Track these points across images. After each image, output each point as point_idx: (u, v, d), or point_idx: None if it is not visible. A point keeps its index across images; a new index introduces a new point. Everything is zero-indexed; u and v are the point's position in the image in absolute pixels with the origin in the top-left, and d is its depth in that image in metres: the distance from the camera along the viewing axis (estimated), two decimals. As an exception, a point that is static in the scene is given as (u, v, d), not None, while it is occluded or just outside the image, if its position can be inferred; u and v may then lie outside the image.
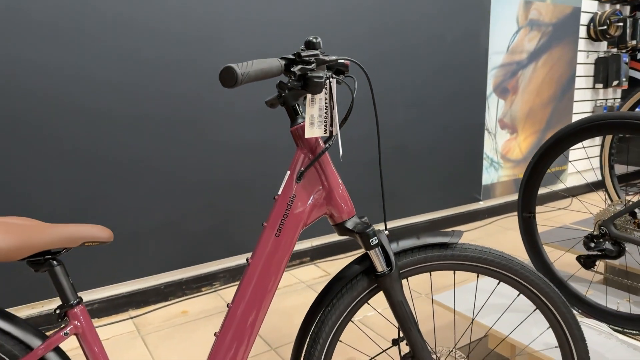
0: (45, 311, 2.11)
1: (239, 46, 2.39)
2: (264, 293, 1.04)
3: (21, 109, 1.95)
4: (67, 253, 2.11)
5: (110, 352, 1.95)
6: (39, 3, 1.92)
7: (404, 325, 1.08)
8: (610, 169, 2.07)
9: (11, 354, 0.94)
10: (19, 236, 0.89)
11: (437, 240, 1.10)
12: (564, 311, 1.13)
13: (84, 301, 2.20)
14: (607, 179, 2.06)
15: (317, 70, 0.89)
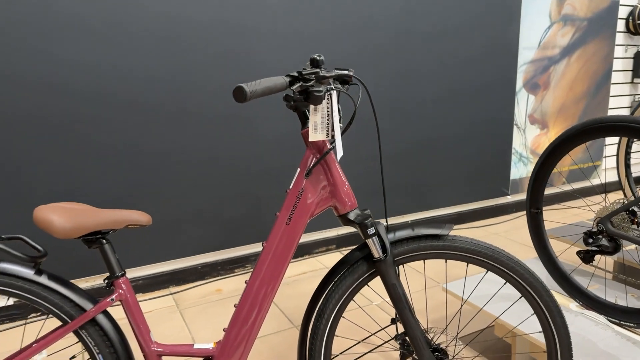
0: (97, 285, 2.38)
1: (266, 56, 2.56)
2: (275, 273, 1.21)
3: (77, 108, 2.20)
4: (120, 236, 2.36)
5: (152, 324, 2.19)
6: (93, 9, 2.15)
7: (398, 306, 1.22)
8: (626, 168, 2.12)
9: (69, 314, 1.16)
10: (75, 219, 1.10)
11: (429, 232, 1.24)
12: (547, 299, 1.25)
13: (132, 277, 2.46)
14: (622, 177, 2.11)
15: (317, 84, 1.05)
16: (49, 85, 2.13)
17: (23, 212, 2.17)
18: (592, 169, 4.01)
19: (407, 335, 1.25)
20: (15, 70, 2.06)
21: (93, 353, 1.17)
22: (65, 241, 2.26)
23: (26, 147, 2.13)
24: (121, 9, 2.21)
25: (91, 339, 1.16)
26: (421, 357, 1.24)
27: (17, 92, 2.08)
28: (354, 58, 2.81)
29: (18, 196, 2.15)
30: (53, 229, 1.07)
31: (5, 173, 2.11)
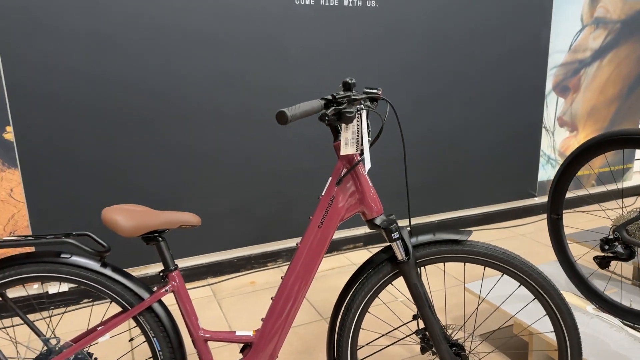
0: (150, 273, 2.59)
1: (301, 67, 2.70)
2: (308, 270, 1.35)
3: (135, 118, 2.39)
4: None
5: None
6: (148, 22, 2.33)
7: (418, 303, 1.35)
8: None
9: (129, 302, 1.33)
10: (138, 219, 1.27)
11: (450, 237, 1.35)
12: (558, 301, 1.35)
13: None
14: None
15: (349, 106, 1.18)
16: (108, 99, 2.33)
17: (88, 212, 2.38)
18: (625, 171, 4.00)
19: (427, 330, 1.38)
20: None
21: (149, 337, 1.34)
22: (122, 237, 2.46)
23: (87, 154, 2.34)
24: (171, 25, 2.38)
25: (148, 325, 1.33)
26: (439, 351, 1.37)
27: (77, 107, 2.28)
28: (384, 60, 2.92)
29: (83, 198, 2.36)
30: (119, 229, 1.24)
31: (71, 178, 2.32)
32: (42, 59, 2.19)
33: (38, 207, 2.30)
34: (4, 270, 1.29)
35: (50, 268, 1.30)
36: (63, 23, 2.19)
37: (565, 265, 1.93)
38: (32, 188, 2.27)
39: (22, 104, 2.19)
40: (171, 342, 1.35)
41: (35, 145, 2.25)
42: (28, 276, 1.30)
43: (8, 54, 2.13)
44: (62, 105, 2.26)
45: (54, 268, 1.30)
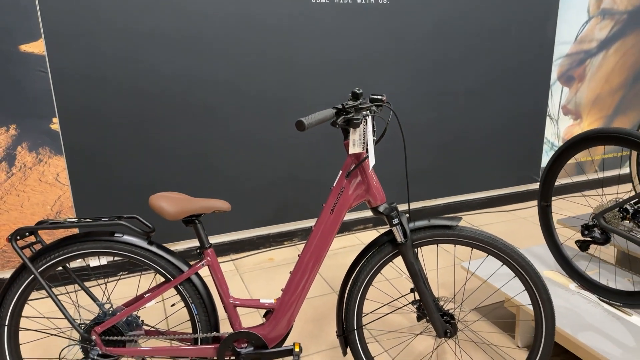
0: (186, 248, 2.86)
1: (319, 60, 2.90)
2: (321, 249, 1.59)
3: (167, 112, 2.64)
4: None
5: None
6: (179, 23, 2.55)
7: (414, 279, 1.59)
8: (637, 166, 2.34)
9: (171, 274, 1.59)
10: (179, 205, 1.52)
11: (442, 223, 1.58)
12: (535, 279, 1.57)
13: (200, 256, 2.93)
14: (633, 173, 2.33)
15: (356, 114, 1.40)
16: (141, 92, 2.57)
17: (124, 194, 2.65)
18: (626, 158, 4.14)
19: (421, 301, 1.62)
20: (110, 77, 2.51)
21: (188, 303, 1.61)
22: (160, 217, 2.73)
23: (124, 143, 2.60)
24: (192, 24, 2.60)
25: (187, 293, 1.60)
26: (432, 318, 1.61)
27: (126, 100, 2.53)
28: (395, 54, 3.10)
29: (121, 182, 2.63)
30: (164, 213, 1.50)
31: (110, 164, 2.59)
32: (85, 57, 2.43)
33: (80, 190, 2.58)
34: (67, 246, 1.56)
35: (106, 245, 1.56)
36: (105, 25, 2.42)
37: (552, 247, 2.14)
38: (75, 173, 2.55)
39: (66, 98, 2.44)
40: (206, 307, 1.61)
41: (78, 134, 2.51)
42: (87, 252, 1.57)
43: (55, 54, 2.37)
44: (102, 98, 2.51)
45: (109, 245, 1.56)
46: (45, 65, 2.37)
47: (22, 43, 2.31)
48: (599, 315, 1.87)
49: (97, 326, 1.56)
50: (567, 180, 3.96)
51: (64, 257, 1.55)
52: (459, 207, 3.64)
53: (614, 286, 2.00)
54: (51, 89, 2.41)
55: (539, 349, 1.62)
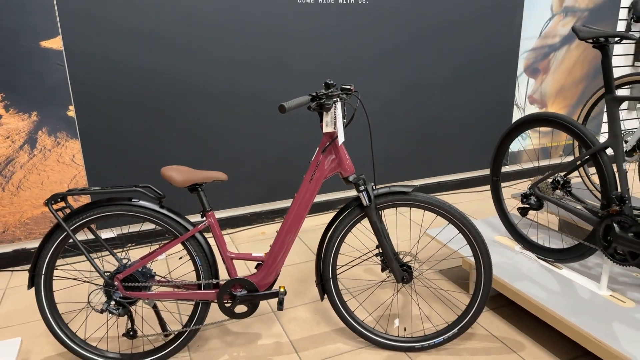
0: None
1: (303, 55, 3.24)
2: (301, 212, 1.94)
3: (169, 100, 2.97)
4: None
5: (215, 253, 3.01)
6: (175, 20, 2.88)
7: (377, 235, 1.94)
8: (578, 148, 2.70)
9: (179, 232, 1.93)
10: (186, 175, 1.86)
11: (400, 189, 1.93)
12: (474, 233, 1.92)
13: (201, 222, 3.28)
14: (576, 154, 2.70)
15: (327, 100, 1.74)
16: (148, 83, 2.90)
17: (132, 172, 2.99)
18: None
19: (383, 255, 1.98)
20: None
21: (192, 256, 1.96)
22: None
23: (133, 128, 2.93)
24: (195, 21, 2.93)
25: (192, 248, 1.95)
26: (391, 267, 1.97)
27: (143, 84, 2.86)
28: (373, 50, 3.45)
29: (129, 162, 2.97)
30: (173, 181, 1.84)
31: (120, 146, 2.92)
32: (97, 51, 2.76)
33: (93, 170, 2.91)
34: (93, 210, 1.90)
35: (125, 208, 1.90)
36: (114, 23, 2.75)
37: (502, 216, 2.51)
38: (89, 155, 2.88)
39: (81, 87, 2.77)
40: (208, 260, 1.96)
41: (92, 120, 2.84)
42: (109, 214, 1.91)
43: (71, 49, 2.70)
44: (113, 89, 2.84)
45: (128, 208, 1.90)
46: (63, 59, 2.70)
47: (43, 40, 2.64)
48: (535, 269, 2.24)
49: (118, 274, 1.91)
50: (534, 164, 4.34)
51: (90, 217, 1.90)
52: (435, 188, 4.00)
53: (549, 246, 2.37)
54: (68, 80, 2.74)
55: (479, 293, 1.99)
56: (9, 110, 2.67)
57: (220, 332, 2.23)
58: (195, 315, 2.00)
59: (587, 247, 2.07)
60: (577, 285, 2.10)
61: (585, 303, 1.98)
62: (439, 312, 2.32)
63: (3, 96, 2.64)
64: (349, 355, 2.05)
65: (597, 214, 1.98)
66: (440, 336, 2.03)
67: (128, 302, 1.93)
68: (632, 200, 2.69)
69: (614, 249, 1.91)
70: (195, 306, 2.00)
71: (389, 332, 2.18)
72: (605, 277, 2.03)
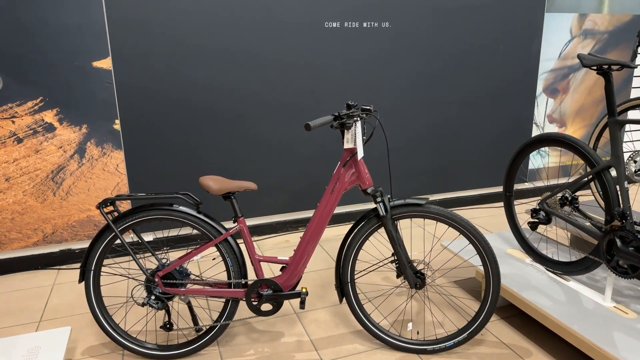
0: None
1: (328, 73, 3.46)
2: (324, 220, 2.13)
3: (205, 114, 3.22)
4: (221, 201, 3.39)
5: (242, 258, 3.22)
6: (216, 44, 3.14)
7: (392, 244, 2.12)
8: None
9: (213, 235, 2.14)
10: (220, 185, 2.08)
11: (415, 201, 2.10)
12: (483, 245, 2.07)
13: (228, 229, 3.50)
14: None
15: (348, 119, 1.94)
16: (186, 101, 3.16)
17: (170, 182, 3.24)
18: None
19: (397, 262, 2.14)
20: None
21: (225, 258, 2.16)
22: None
23: (171, 141, 3.19)
24: (226, 45, 3.18)
25: (224, 250, 2.15)
26: (405, 273, 2.14)
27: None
28: (397, 70, 3.64)
29: (167, 172, 3.22)
30: (210, 189, 2.06)
31: (159, 157, 3.19)
32: (142, 73, 3.04)
33: (134, 178, 3.18)
34: (138, 213, 2.13)
35: (166, 213, 2.13)
36: (158, 43, 3.03)
37: (514, 230, 2.64)
38: (131, 165, 3.15)
39: (127, 102, 3.05)
40: (238, 261, 2.17)
41: (135, 133, 3.11)
42: (153, 217, 2.14)
43: (119, 68, 2.98)
44: (154, 105, 3.11)
45: (169, 213, 2.13)
46: (111, 78, 2.98)
47: (94, 60, 2.93)
48: (543, 280, 2.37)
49: (158, 271, 2.13)
50: (551, 181, 4.43)
51: (136, 220, 2.13)
52: (454, 203, 4.14)
53: (557, 259, 2.49)
54: (115, 97, 3.02)
55: (488, 300, 2.13)
56: (62, 123, 2.96)
57: (247, 330, 2.42)
58: (225, 311, 2.20)
59: (593, 260, 2.19)
60: (583, 297, 2.22)
61: (589, 313, 2.10)
62: (451, 319, 2.46)
63: (58, 110, 2.93)
64: (364, 355, 2.21)
65: (601, 229, 2.11)
66: (450, 340, 2.18)
67: (166, 297, 2.15)
68: (637, 216, 2.79)
69: (617, 262, 2.03)
70: (225, 303, 2.20)
71: (402, 335, 2.33)
72: (609, 289, 2.15)
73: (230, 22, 3.15)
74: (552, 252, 2.64)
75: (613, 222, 2.02)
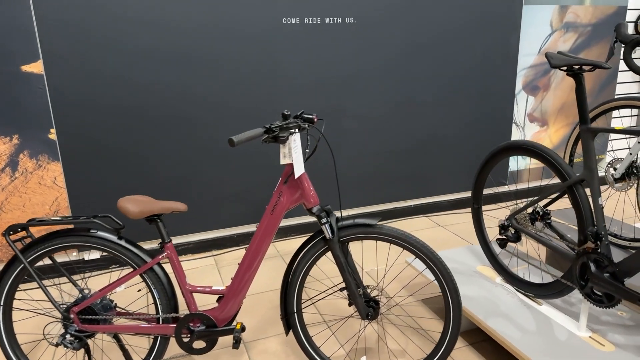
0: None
1: (290, 75, 3.20)
2: (262, 245, 1.88)
3: (151, 119, 2.96)
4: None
5: (196, 277, 2.97)
6: (162, 43, 2.87)
7: (340, 269, 1.87)
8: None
9: (137, 264, 1.89)
10: (141, 207, 1.82)
11: (364, 222, 1.86)
12: (442, 270, 1.83)
13: (184, 242, 3.25)
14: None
15: (282, 132, 1.69)
16: (128, 105, 2.89)
17: (112, 195, 2.98)
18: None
19: (347, 289, 1.90)
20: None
21: (151, 289, 1.91)
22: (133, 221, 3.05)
23: (113, 151, 2.92)
24: (175, 44, 2.91)
25: (150, 280, 1.90)
26: (355, 303, 1.89)
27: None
28: (365, 68, 3.39)
29: (110, 185, 2.96)
30: (128, 214, 1.80)
31: (101, 169, 2.92)
32: (77, 76, 2.76)
33: (75, 192, 2.91)
34: (52, 240, 1.87)
35: (83, 239, 1.87)
36: (95, 43, 2.75)
37: (483, 245, 2.40)
38: (70, 177, 2.88)
39: (62, 111, 2.78)
40: (167, 293, 1.92)
41: (73, 143, 2.84)
42: (68, 244, 1.88)
43: (51, 74, 2.71)
44: (93, 111, 2.84)
45: (86, 239, 1.87)
46: (44, 82, 2.71)
47: (24, 64, 2.65)
48: (513, 304, 2.13)
49: (75, 306, 1.88)
50: (534, 183, 4.20)
51: (49, 248, 1.87)
52: (429, 208, 3.90)
53: (529, 280, 2.26)
54: (49, 104, 2.75)
55: (448, 331, 1.89)
56: (-10, 133, 2.69)
57: (186, 364, 2.18)
58: (154, 349, 1.95)
59: (566, 284, 1.96)
60: (556, 324, 1.98)
61: (562, 345, 1.86)
62: (416, 343, 2.22)
63: (-16, 119, 2.66)
64: (313, 392, 1.97)
65: (574, 250, 1.87)
66: (408, 375, 1.94)
67: (85, 335, 1.90)
68: (633, 229, 2.56)
69: (590, 289, 1.80)
70: (154, 339, 1.95)
71: (357, 369, 2.10)
72: (584, 317, 1.91)
73: (176, 19, 2.88)
74: (524, 269, 2.41)
75: (586, 244, 1.78)
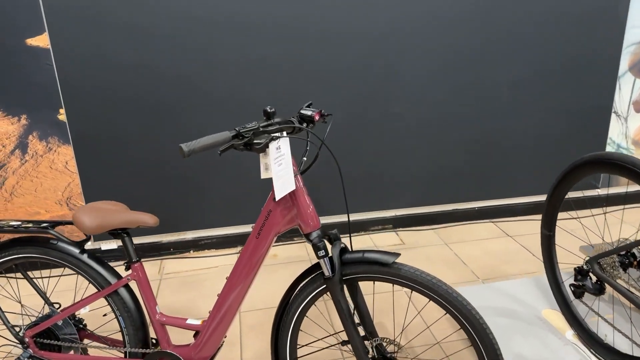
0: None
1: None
2: (246, 276, 1.47)
3: (163, 104, 2.63)
4: (203, 199, 2.82)
5: (218, 276, 2.65)
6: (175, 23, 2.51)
7: (341, 318, 1.42)
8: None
9: (100, 285, 1.57)
10: (100, 219, 1.48)
11: (377, 259, 1.38)
12: (482, 335, 1.32)
13: (210, 235, 2.94)
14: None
15: (257, 137, 1.23)
16: (141, 84, 2.58)
17: (128, 180, 2.72)
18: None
19: (350, 343, 1.45)
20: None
21: (116, 315, 1.59)
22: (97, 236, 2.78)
23: (127, 132, 2.64)
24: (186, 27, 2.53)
25: (115, 305, 1.58)
26: (360, 362, 1.44)
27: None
28: (424, 37, 2.80)
29: (124, 169, 2.69)
30: (84, 229, 1.47)
31: (114, 152, 2.66)
32: (86, 52, 2.47)
33: (88, 177, 2.68)
34: (8, 250, 1.59)
35: (42, 251, 1.57)
36: (105, 20, 2.44)
37: (553, 283, 1.82)
38: (83, 162, 2.64)
39: (72, 88, 2.52)
40: (134, 321, 1.58)
41: (84, 125, 2.59)
42: (21, 256, 1.59)
43: (58, 48, 2.44)
44: (106, 89, 2.55)
45: (45, 251, 1.57)
46: (51, 58, 2.45)
47: (28, 37, 2.40)
48: (587, 375, 1.56)
49: (30, 329, 1.60)
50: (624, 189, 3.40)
51: (4, 259, 1.60)
52: (497, 212, 3.28)
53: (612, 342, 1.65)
54: (57, 82, 2.49)
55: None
56: (-2, 112, 2.50)
57: (169, 397, 1.85)
58: (119, 385, 1.64)
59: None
60: (648, 419, 1.40)
61: None
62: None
63: (-7, 97, 2.47)
64: None
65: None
66: None
67: (42, 362, 1.62)
68: None
69: None
70: (121, 374, 1.64)
71: None
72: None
73: None
74: (608, 326, 1.80)
75: None
